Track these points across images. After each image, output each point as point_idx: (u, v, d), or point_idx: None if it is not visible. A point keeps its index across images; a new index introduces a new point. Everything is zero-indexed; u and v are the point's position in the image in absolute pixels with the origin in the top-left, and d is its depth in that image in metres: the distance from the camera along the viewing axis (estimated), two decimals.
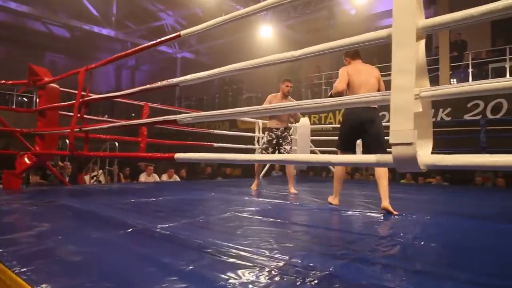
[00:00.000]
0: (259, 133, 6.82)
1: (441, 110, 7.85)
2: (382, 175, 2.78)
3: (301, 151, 6.97)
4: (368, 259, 1.49)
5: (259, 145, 6.83)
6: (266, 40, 11.56)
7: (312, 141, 7.07)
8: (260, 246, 1.61)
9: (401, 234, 1.99)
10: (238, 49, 11.94)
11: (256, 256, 1.47)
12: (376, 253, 1.61)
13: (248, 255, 1.48)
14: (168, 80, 2.05)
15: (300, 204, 3.22)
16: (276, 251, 1.54)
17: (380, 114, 2.99)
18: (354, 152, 3.10)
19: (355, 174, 8.74)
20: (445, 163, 1.04)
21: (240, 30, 12.51)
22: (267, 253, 1.52)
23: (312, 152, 7.04)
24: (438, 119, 7.76)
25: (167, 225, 2.05)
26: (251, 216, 2.47)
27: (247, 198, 3.58)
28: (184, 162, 2.03)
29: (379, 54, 10.34)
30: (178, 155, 1.90)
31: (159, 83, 2.10)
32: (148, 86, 2.20)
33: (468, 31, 9.12)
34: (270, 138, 4.29)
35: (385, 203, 2.69)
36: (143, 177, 6.92)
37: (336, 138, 3.10)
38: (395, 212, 2.63)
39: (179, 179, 7.48)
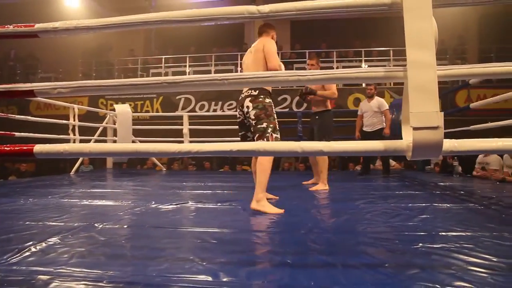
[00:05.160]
0: (74, 120, 5.63)
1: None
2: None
3: (122, 141, 6.24)
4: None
5: (74, 134, 5.65)
6: (71, 11, 9.67)
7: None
8: None
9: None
10: (32, 15, 9.55)
11: None
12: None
13: None
14: None
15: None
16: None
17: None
18: None
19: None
20: (462, 149, 0.97)
21: None
22: None
23: (133, 142, 6.38)
24: None
25: None
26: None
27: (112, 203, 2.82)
28: None
29: (197, 44, 10.43)
30: (38, 148, 1.23)
31: None
32: None
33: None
34: (241, 118, 2.71)
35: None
36: None
37: (155, 127, 2.79)
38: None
39: None
